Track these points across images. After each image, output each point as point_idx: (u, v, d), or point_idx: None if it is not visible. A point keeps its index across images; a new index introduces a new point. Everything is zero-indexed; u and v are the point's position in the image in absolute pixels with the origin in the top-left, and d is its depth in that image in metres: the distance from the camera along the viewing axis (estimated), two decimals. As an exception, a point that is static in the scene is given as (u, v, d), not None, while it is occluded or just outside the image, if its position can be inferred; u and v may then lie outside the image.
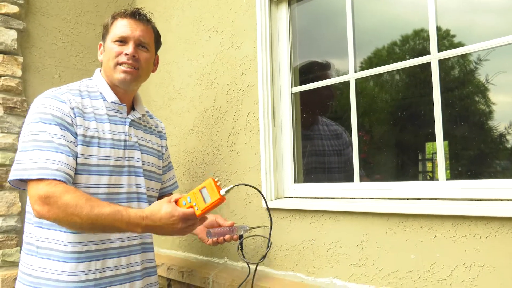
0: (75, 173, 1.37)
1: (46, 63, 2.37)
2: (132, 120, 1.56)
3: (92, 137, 1.41)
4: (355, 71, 1.65)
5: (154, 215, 1.29)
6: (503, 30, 1.30)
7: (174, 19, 2.39)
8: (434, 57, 1.41)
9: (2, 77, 2.16)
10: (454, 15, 1.44)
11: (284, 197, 1.81)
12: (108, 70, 1.51)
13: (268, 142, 1.80)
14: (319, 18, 1.88)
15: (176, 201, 1.33)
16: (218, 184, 1.33)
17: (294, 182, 1.80)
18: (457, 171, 1.42)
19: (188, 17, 2.29)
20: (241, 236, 1.46)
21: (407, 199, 1.41)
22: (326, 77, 1.80)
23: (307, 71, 1.90)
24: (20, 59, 2.23)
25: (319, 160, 1.97)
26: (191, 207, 1.30)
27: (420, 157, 1.69)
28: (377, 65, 1.62)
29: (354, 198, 1.56)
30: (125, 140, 1.50)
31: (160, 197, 1.74)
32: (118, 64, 1.49)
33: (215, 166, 2.06)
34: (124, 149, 1.50)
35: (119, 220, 1.27)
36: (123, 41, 1.49)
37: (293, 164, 1.81)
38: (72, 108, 1.39)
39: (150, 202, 1.59)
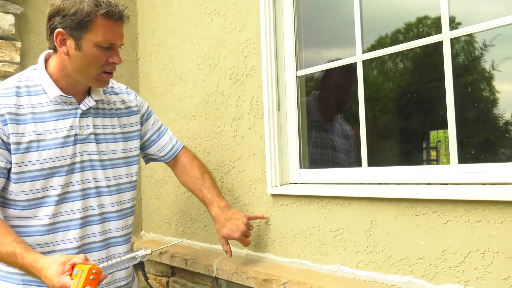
0: (18, 182, 1.32)
1: (45, 49, 2.31)
2: (85, 110, 1.44)
3: (30, 142, 1.33)
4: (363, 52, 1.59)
5: (43, 269, 1.19)
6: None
7: (175, 2, 2.32)
8: (446, 36, 1.35)
9: (0, 63, 2.11)
10: (457, 1, 1.39)
11: (290, 183, 1.76)
12: (84, 74, 1.38)
13: (272, 127, 1.75)
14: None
15: (74, 264, 1.17)
16: (91, 277, 1.13)
17: (300, 168, 1.76)
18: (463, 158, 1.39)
19: (189, 0, 2.22)
20: (141, 264, 1.34)
21: (417, 184, 1.37)
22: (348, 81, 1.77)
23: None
24: (18, 44, 2.18)
25: (328, 153, 1.99)
26: (74, 280, 1.15)
27: (424, 146, 1.69)
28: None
29: (362, 184, 1.51)
30: (75, 134, 1.40)
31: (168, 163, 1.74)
32: (103, 72, 1.39)
33: (219, 152, 2.02)
34: (74, 144, 1.40)
35: (14, 263, 1.25)
36: (108, 46, 1.36)
37: (299, 149, 1.76)
38: (2, 115, 1.30)
39: (125, 190, 1.53)
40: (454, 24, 1.39)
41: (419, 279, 1.30)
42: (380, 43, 1.61)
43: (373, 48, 1.59)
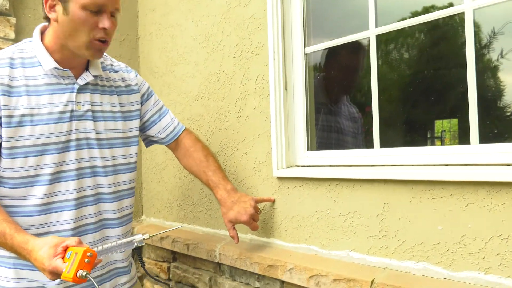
0: (10, 157, 1.24)
1: (41, 26, 2.22)
2: (82, 85, 1.36)
3: (22, 115, 1.24)
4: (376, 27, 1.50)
5: (33, 251, 1.10)
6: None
7: (176, -23, 2.22)
8: (468, 7, 1.25)
9: (-6, 39, 2.02)
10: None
11: (296, 165, 1.68)
12: (74, 41, 1.27)
13: (279, 107, 1.66)
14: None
15: (67, 247, 1.09)
16: (86, 260, 1.05)
17: (307, 150, 1.67)
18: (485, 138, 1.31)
19: (191, -26, 2.12)
20: (138, 249, 1.26)
21: (434, 165, 1.28)
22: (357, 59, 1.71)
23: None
24: (13, 20, 2.09)
25: (336, 136, 1.91)
26: (67, 263, 1.06)
27: (429, 135, 1.63)
28: (386, 41, 1.54)
29: (374, 166, 1.43)
30: (72, 110, 1.32)
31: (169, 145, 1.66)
32: (93, 39, 1.27)
33: (222, 134, 1.94)
34: (70, 120, 1.32)
35: (3, 243, 1.17)
36: (97, 10, 1.25)
37: (306, 130, 1.68)
38: None
39: (122, 171, 1.45)
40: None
41: (435, 266, 1.23)
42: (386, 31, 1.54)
43: (378, 37, 1.51)
